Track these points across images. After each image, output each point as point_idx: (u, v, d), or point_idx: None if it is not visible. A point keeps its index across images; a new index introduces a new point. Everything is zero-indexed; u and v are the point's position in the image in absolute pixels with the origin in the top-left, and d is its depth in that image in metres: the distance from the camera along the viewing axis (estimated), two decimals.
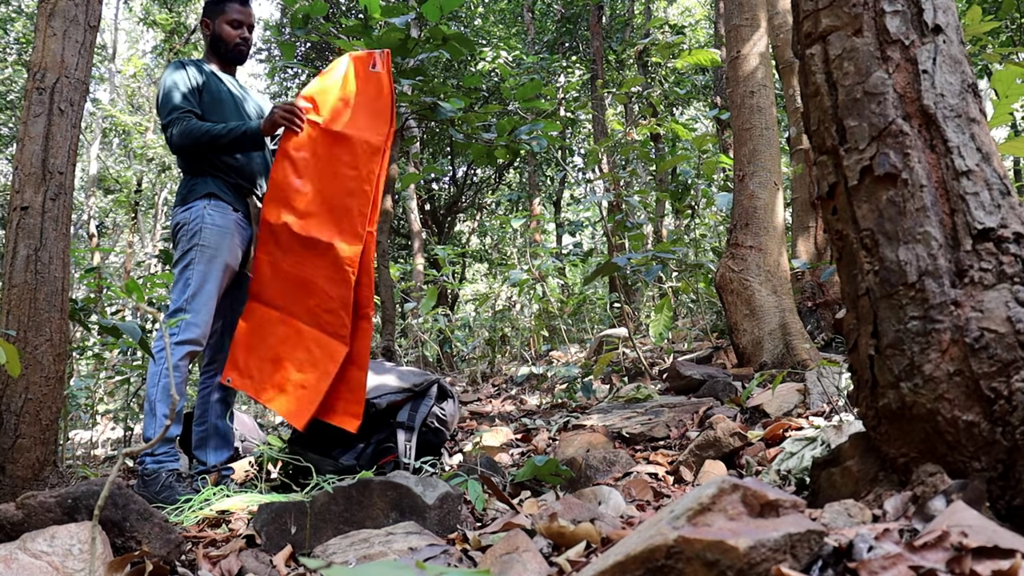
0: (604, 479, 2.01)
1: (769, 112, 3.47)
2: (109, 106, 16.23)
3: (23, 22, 12.35)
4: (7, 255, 2.22)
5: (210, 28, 2.75)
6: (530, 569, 1.15)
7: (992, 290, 0.96)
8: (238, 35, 2.74)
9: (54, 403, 2.23)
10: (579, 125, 13.23)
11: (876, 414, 1.05)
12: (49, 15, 2.33)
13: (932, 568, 0.71)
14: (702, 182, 4.90)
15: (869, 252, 1.06)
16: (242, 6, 2.75)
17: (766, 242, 3.32)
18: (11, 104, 12.26)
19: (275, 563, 1.53)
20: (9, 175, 16.47)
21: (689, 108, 14.72)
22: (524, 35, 13.32)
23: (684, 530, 0.78)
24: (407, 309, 6.67)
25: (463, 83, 4.03)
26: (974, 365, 0.94)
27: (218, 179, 2.60)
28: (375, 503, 1.63)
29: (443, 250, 6.52)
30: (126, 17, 20.04)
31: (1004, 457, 0.91)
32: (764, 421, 2.38)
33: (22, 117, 2.29)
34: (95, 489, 1.53)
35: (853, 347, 1.10)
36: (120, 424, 5.07)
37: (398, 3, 4.42)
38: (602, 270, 3.76)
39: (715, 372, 3.14)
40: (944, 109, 1.05)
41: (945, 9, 1.10)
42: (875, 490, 1.03)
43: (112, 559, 1.39)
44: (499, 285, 7.03)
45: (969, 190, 1.01)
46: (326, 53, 11.81)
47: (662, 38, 9.10)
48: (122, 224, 19.23)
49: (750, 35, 3.53)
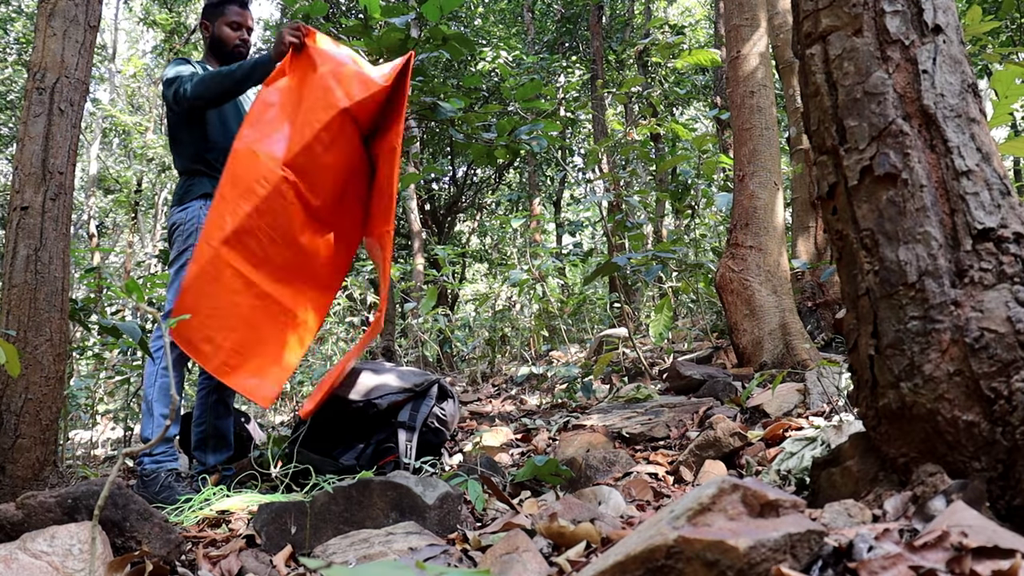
0: (604, 479, 2.01)
1: (769, 112, 3.48)
2: (109, 106, 16.23)
3: (23, 22, 12.35)
4: (7, 255, 2.22)
5: (209, 30, 2.76)
6: (530, 569, 1.15)
7: (992, 290, 0.96)
8: (237, 37, 2.75)
9: (54, 403, 2.23)
10: (579, 125, 13.23)
11: (876, 414, 1.05)
12: (49, 15, 2.33)
13: (932, 568, 0.71)
14: (702, 182, 4.90)
15: (869, 252, 1.06)
16: (241, 8, 2.76)
17: (766, 242, 3.32)
18: (11, 104, 12.26)
19: (275, 563, 1.53)
20: (9, 175, 16.47)
21: (689, 108, 14.72)
22: (524, 35, 13.31)
23: (684, 530, 0.78)
24: (407, 309, 6.67)
25: (463, 83, 4.03)
26: (974, 365, 0.94)
27: (214, 179, 2.60)
28: (375, 503, 1.63)
29: (443, 250, 6.52)
30: (126, 17, 20.04)
31: (1004, 457, 0.91)
32: (764, 421, 2.38)
33: (22, 117, 2.29)
34: (95, 489, 1.53)
35: (853, 347, 1.10)
36: (120, 424, 5.07)
37: (398, 3, 4.42)
38: (602, 270, 3.76)
39: (715, 372, 3.15)
40: (944, 109, 1.05)
41: (945, 9, 1.10)
42: (875, 490, 1.03)
43: (112, 559, 1.39)
44: (499, 285, 7.03)
45: (969, 190, 1.01)
46: None
47: (662, 38, 9.10)
48: (122, 224, 19.22)
49: (750, 35, 3.53)
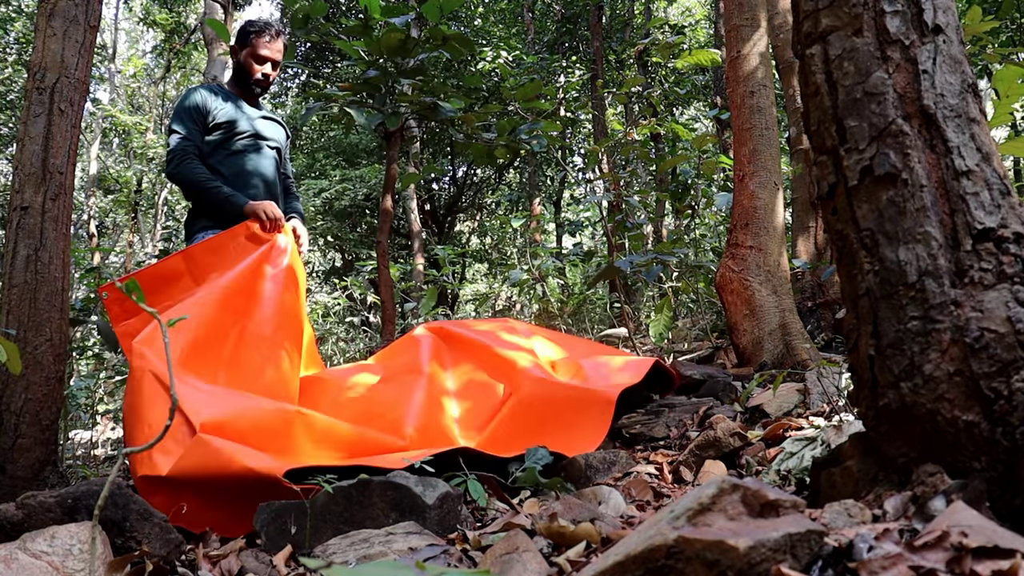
0: (604, 479, 2.01)
1: (769, 112, 3.47)
2: (109, 106, 16.23)
3: (23, 22, 12.34)
4: (7, 255, 2.22)
5: (236, 56, 2.77)
6: (530, 569, 1.15)
7: (992, 290, 0.96)
8: (260, 71, 2.75)
9: (54, 403, 2.23)
10: (579, 125, 13.23)
11: (876, 414, 1.05)
12: (49, 15, 2.33)
13: (932, 568, 0.71)
14: (702, 182, 4.90)
15: (869, 252, 1.06)
16: (270, 41, 2.74)
17: (766, 242, 3.32)
18: (11, 104, 12.26)
19: (275, 563, 1.53)
20: (9, 175, 16.47)
21: (689, 108, 14.71)
22: (524, 35, 13.31)
23: (684, 530, 0.78)
24: (407, 309, 6.67)
25: (463, 83, 4.03)
26: (974, 365, 0.94)
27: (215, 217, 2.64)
28: (375, 503, 1.63)
29: (443, 250, 6.52)
30: (126, 17, 20.04)
31: (1004, 457, 0.91)
32: (764, 421, 2.38)
33: (22, 117, 2.29)
34: (95, 489, 1.53)
35: (853, 347, 1.10)
36: (120, 424, 5.06)
37: (398, 3, 4.42)
38: (604, 274, 3.76)
39: (715, 372, 3.14)
40: (944, 109, 1.05)
41: (945, 9, 1.10)
42: (875, 490, 1.03)
43: (112, 559, 1.39)
44: (499, 285, 7.03)
45: (969, 190, 1.01)
46: (326, 53, 11.81)
47: (662, 38, 9.10)
48: (122, 224, 19.22)
49: (750, 35, 3.53)
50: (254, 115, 2.77)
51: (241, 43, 2.75)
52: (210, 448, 1.83)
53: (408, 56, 3.55)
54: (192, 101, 2.64)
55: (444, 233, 13.53)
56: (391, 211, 4.14)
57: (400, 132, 3.96)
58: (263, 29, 2.73)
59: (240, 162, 2.68)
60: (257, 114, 2.79)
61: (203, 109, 2.64)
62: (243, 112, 2.73)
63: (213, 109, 2.65)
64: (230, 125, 2.67)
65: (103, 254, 15.30)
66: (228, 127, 2.67)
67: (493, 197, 14.36)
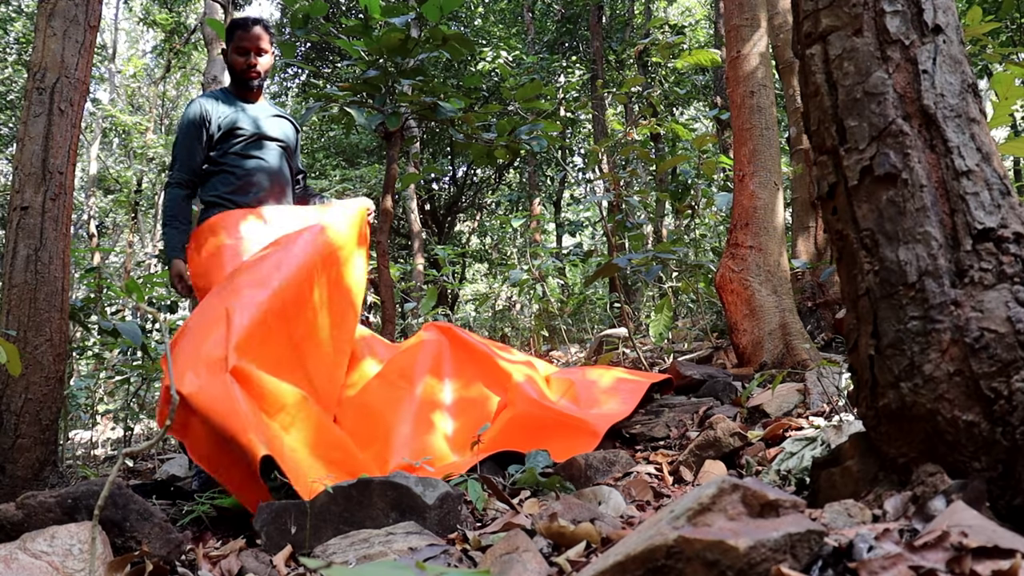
0: (604, 479, 2.01)
1: (769, 112, 3.47)
2: (109, 106, 16.24)
3: (23, 22, 12.35)
4: (7, 255, 2.22)
5: (226, 57, 2.80)
6: (530, 569, 1.15)
7: (992, 290, 0.96)
8: (244, 62, 2.74)
9: (54, 403, 2.23)
10: (579, 125, 13.23)
11: (876, 414, 1.05)
12: (49, 15, 2.33)
13: (932, 568, 0.71)
14: (702, 182, 4.90)
15: (869, 252, 1.06)
16: (244, 31, 2.74)
17: (766, 242, 3.32)
18: (11, 104, 12.26)
19: (275, 563, 1.53)
20: (9, 175, 16.46)
21: (689, 108, 14.71)
22: (524, 35, 13.31)
23: (684, 530, 0.78)
24: (407, 309, 6.67)
25: (463, 83, 4.03)
26: (974, 365, 0.94)
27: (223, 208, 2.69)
28: (375, 503, 1.63)
29: (443, 250, 6.53)
30: (126, 17, 20.04)
31: (1004, 457, 0.91)
32: (764, 421, 2.38)
33: (22, 117, 2.29)
34: (95, 489, 1.53)
35: (853, 347, 1.10)
36: (120, 424, 5.06)
37: (398, 3, 4.42)
38: (603, 271, 3.76)
39: (715, 372, 3.14)
40: (944, 109, 1.05)
41: (945, 9, 1.10)
42: (875, 490, 1.03)
43: (112, 559, 1.39)
44: (499, 285, 7.03)
45: (969, 190, 1.01)
46: (326, 53, 11.82)
47: (662, 38, 9.10)
48: (122, 224, 19.22)
49: (750, 35, 3.53)
50: (257, 113, 2.79)
51: (227, 42, 2.78)
52: (227, 394, 1.81)
53: (408, 56, 3.55)
54: (190, 115, 2.70)
55: (444, 233, 13.53)
56: (391, 211, 4.14)
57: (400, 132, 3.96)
58: (240, 22, 2.76)
59: (244, 160, 2.70)
60: (261, 112, 2.80)
61: (202, 121, 2.68)
62: (244, 112, 2.74)
63: (214, 117, 2.69)
64: (232, 127, 2.69)
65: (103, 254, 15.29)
66: (230, 129, 2.69)
67: (493, 197, 14.36)
